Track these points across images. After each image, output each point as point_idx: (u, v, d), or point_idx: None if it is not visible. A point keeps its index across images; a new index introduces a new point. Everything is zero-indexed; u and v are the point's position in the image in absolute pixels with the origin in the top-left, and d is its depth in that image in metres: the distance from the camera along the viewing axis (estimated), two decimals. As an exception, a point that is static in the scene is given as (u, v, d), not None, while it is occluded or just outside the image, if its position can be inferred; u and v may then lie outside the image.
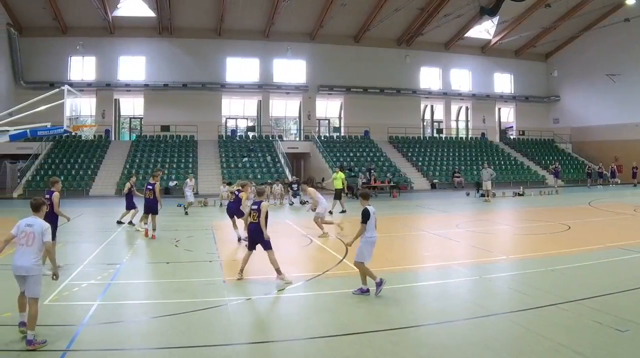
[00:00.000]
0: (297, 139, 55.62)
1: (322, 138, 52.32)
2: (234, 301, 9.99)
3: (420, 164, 49.85)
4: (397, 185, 41.06)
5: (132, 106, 53.43)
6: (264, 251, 11.37)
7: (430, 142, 56.27)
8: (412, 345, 7.70)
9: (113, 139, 50.25)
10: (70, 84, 25.49)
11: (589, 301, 9.57)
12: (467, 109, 61.28)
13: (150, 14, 47.10)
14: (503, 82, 61.52)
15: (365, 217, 10.23)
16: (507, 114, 63.88)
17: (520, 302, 9.77)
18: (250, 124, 55.02)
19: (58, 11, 45.12)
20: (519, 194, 37.12)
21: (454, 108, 61.29)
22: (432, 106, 60.60)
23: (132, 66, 50.47)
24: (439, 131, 59.53)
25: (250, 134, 53.42)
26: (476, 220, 24.49)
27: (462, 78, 59.53)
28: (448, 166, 49.92)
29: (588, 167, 49.75)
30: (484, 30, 55.76)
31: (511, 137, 61.89)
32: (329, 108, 57.53)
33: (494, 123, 61.92)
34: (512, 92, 61.59)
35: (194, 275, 12.22)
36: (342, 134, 55.07)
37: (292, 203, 32.41)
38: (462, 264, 13.46)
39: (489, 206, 30.80)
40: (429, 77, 58.16)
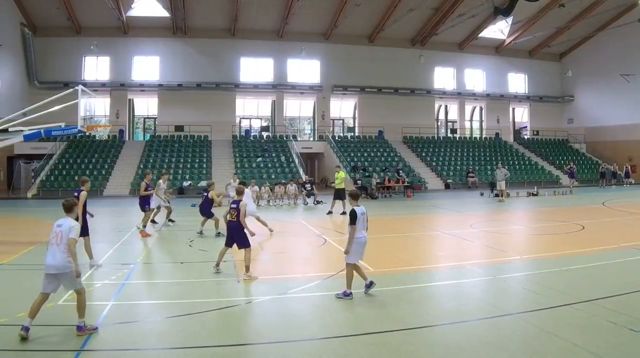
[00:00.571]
0: (311, 139, 55.65)
1: (336, 138, 52.23)
2: (248, 301, 10.03)
3: (434, 164, 49.67)
4: (412, 185, 41.01)
5: (146, 106, 53.64)
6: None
7: (444, 142, 56.10)
8: (426, 345, 7.72)
9: (127, 139, 50.46)
10: (84, 84, 25.58)
11: (603, 301, 9.54)
12: (481, 109, 61.00)
13: (164, 14, 47.23)
14: (517, 82, 61.20)
15: (353, 218, 10.15)
16: (521, 114, 63.60)
17: (535, 302, 9.76)
18: (265, 124, 54.97)
19: (72, 11, 45.34)
20: (533, 194, 36.95)
21: (468, 108, 61.04)
22: (446, 106, 60.42)
23: (146, 66, 50.54)
24: (453, 131, 59.34)
25: (265, 134, 53.36)
26: (490, 220, 24.44)
27: (476, 78, 59.27)
28: (462, 166, 49.71)
29: (601, 166, 49.41)
30: (498, 30, 55.52)
31: (525, 137, 61.53)
32: (343, 108, 57.54)
33: (508, 123, 61.62)
34: (526, 92, 61.26)
35: (208, 275, 12.23)
36: (356, 134, 54.91)
37: (307, 203, 32.37)
38: (476, 264, 13.44)
39: (503, 206, 30.67)
40: (443, 77, 57.92)
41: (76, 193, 13.10)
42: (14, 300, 9.92)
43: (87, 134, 42.73)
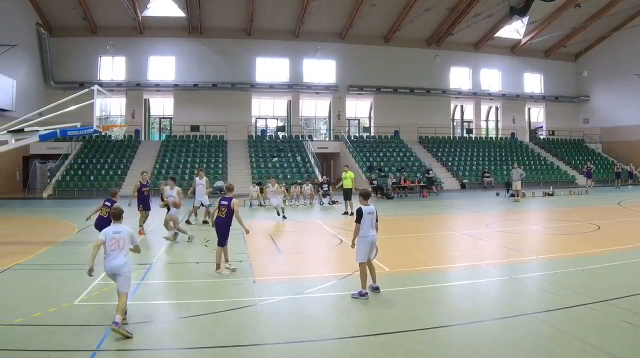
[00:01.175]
0: (327, 139, 55.61)
1: (352, 138, 52.16)
2: (263, 301, 10.06)
3: (450, 164, 49.51)
4: (431, 184, 40.97)
5: (161, 106, 53.79)
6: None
7: (460, 142, 55.91)
8: (442, 345, 7.72)
9: (143, 139, 50.66)
10: (100, 84, 25.74)
11: (618, 301, 9.53)
12: (496, 109, 60.76)
13: (180, 14, 47.48)
14: (533, 82, 60.94)
15: (358, 216, 10.44)
16: (537, 114, 63.24)
17: (550, 302, 9.75)
18: (280, 124, 55.01)
19: (88, 11, 45.65)
20: (548, 194, 36.76)
21: (484, 108, 60.76)
22: (462, 106, 60.21)
23: (162, 66, 50.70)
24: (469, 131, 59.09)
25: (280, 134, 53.40)
26: (506, 220, 24.35)
27: (492, 78, 59.08)
28: (478, 166, 49.49)
29: (617, 166, 49.05)
30: (514, 30, 55.35)
31: (541, 137, 61.18)
32: (358, 108, 57.48)
33: (524, 123, 61.30)
34: (542, 92, 60.97)
35: (223, 275, 12.27)
36: (372, 134, 54.81)
37: (322, 203, 32.38)
38: (492, 264, 13.41)
39: (518, 206, 30.52)
40: (458, 77, 57.78)
41: (109, 203, 14.34)
42: (29, 300, 10.06)
43: (103, 134, 42.89)
